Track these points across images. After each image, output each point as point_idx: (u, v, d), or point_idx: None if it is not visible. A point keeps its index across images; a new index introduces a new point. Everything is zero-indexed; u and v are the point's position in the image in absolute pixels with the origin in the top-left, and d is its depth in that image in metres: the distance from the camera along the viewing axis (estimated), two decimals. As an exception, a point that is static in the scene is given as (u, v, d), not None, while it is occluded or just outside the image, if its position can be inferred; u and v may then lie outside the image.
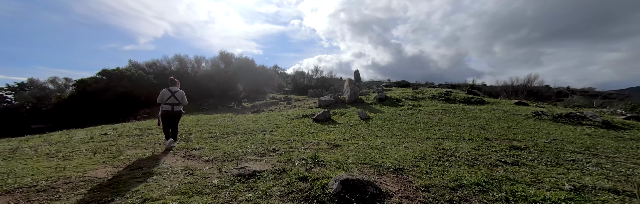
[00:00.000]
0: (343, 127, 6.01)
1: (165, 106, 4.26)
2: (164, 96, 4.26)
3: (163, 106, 4.26)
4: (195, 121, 8.02)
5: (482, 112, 7.07)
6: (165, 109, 4.24)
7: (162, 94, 4.27)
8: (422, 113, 7.34)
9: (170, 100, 4.27)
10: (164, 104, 4.26)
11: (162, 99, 4.28)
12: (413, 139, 4.46)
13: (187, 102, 4.56)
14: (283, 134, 5.30)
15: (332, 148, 3.93)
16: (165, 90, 4.31)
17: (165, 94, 4.27)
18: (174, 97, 4.29)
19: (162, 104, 4.31)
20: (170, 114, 4.28)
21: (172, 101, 4.28)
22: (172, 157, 3.81)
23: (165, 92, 4.28)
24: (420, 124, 5.97)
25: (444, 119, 6.40)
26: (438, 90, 12.15)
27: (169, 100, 4.27)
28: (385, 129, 5.57)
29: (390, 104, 9.18)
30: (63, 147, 4.64)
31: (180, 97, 4.36)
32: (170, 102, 4.27)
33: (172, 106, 4.29)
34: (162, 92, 4.28)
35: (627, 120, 6.06)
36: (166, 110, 4.25)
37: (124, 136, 5.80)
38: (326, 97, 9.56)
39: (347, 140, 4.52)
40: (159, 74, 21.86)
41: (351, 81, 18.27)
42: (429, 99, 9.99)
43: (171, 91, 4.31)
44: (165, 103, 4.26)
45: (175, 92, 4.34)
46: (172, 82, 4.50)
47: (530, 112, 6.51)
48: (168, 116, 4.28)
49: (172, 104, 4.28)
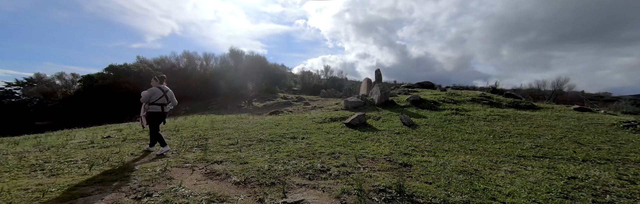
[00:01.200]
0: (388, 135, 5.04)
1: (155, 106, 3.78)
2: (154, 94, 3.75)
3: (151, 106, 3.75)
4: (209, 122, 7.19)
5: (548, 120, 5.98)
6: (154, 110, 3.77)
7: (152, 92, 3.73)
8: (475, 119, 6.30)
9: (161, 100, 3.80)
10: (152, 105, 3.76)
11: (151, 98, 3.72)
12: (501, 158, 3.46)
13: (177, 103, 4.06)
14: (320, 143, 4.37)
15: (402, 169, 2.97)
16: (157, 89, 3.79)
17: (156, 92, 3.77)
18: (165, 97, 3.85)
19: (147, 104, 3.75)
20: (159, 116, 3.83)
21: (162, 100, 3.82)
22: (189, 175, 2.93)
23: (156, 91, 3.77)
24: (483, 133, 4.95)
25: (510, 127, 5.36)
26: (474, 92, 11.04)
27: (159, 100, 3.79)
28: (445, 140, 4.57)
29: (427, 107, 8.15)
30: (55, 155, 3.83)
31: (170, 97, 3.96)
32: (160, 102, 3.80)
33: (162, 107, 3.83)
34: (152, 90, 3.74)
35: None
36: (156, 111, 3.78)
37: (130, 141, 4.97)
38: (353, 98, 8.61)
39: (410, 155, 3.55)
40: (167, 71, 21.33)
41: (370, 80, 17.25)
42: (469, 102, 8.91)
43: (163, 90, 3.85)
44: (155, 103, 3.77)
45: (167, 91, 3.91)
46: (162, 79, 3.95)
47: (617, 122, 5.40)
48: (160, 117, 3.84)
49: (162, 104, 3.83)
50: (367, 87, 17.20)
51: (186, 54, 23.19)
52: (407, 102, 8.72)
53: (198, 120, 7.93)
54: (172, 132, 5.88)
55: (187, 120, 8.30)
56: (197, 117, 9.74)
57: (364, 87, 17.73)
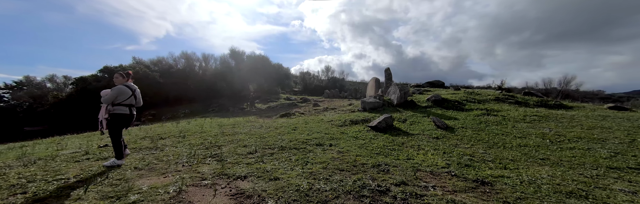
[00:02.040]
0: (427, 141, 4.48)
1: (122, 107, 3.26)
2: (121, 94, 3.23)
3: (116, 107, 3.23)
4: (216, 127, 6.58)
5: (595, 121, 5.48)
6: (121, 112, 3.25)
7: (119, 91, 3.22)
8: (513, 121, 5.78)
9: (129, 100, 3.30)
10: (119, 106, 3.24)
11: (118, 98, 3.20)
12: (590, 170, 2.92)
13: (142, 104, 3.56)
14: (355, 152, 3.80)
15: (483, 189, 2.40)
16: (124, 87, 3.28)
17: (124, 92, 3.26)
18: (134, 97, 3.37)
19: (111, 105, 3.20)
20: (125, 119, 3.29)
21: (131, 101, 3.34)
22: (212, 198, 2.34)
23: (124, 90, 3.25)
24: (535, 137, 4.42)
25: (560, 130, 4.83)
26: (492, 92, 10.56)
27: (128, 100, 3.29)
28: (498, 146, 4.03)
29: (452, 107, 7.62)
30: (42, 170, 3.20)
31: (138, 97, 3.48)
32: (129, 102, 3.31)
33: (130, 108, 3.34)
34: (119, 89, 3.22)
35: None
36: (124, 113, 3.26)
37: (131, 150, 4.35)
38: (371, 99, 8.06)
39: (475, 168, 2.99)
40: (165, 72, 20.65)
41: (378, 80, 16.70)
42: (494, 101, 8.41)
43: (131, 89, 3.34)
44: (122, 104, 3.26)
45: (135, 90, 3.41)
46: (128, 76, 3.39)
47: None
48: (127, 121, 3.33)
49: (130, 105, 3.34)
50: (375, 87, 16.66)
51: (184, 54, 22.53)
52: (429, 103, 8.19)
53: (204, 124, 7.31)
54: (178, 139, 5.26)
55: (191, 124, 7.68)
56: (201, 120, 9.12)
57: (372, 87, 17.18)
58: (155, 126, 8.31)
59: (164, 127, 7.74)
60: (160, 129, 6.90)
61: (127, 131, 7.45)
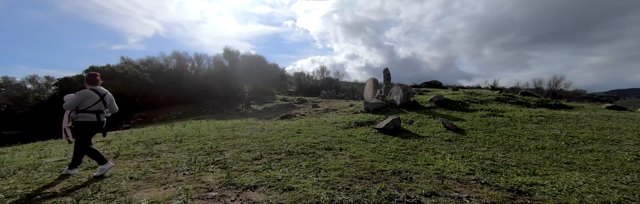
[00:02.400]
0: (441, 143, 4.33)
1: (88, 114, 2.96)
2: (87, 99, 2.95)
3: (81, 114, 2.94)
4: (214, 130, 6.25)
5: (601, 121, 5.48)
6: (87, 119, 2.94)
7: (83, 96, 2.92)
8: (520, 122, 5.72)
9: (96, 106, 3.01)
10: (84, 112, 2.95)
11: (83, 104, 2.91)
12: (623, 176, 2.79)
13: (117, 109, 3.32)
14: (369, 157, 3.60)
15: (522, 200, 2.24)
16: (90, 92, 3.00)
17: (90, 96, 2.97)
18: (103, 102, 3.09)
19: (74, 112, 2.90)
20: (92, 127, 3.01)
21: (99, 107, 3.05)
22: (225, 213, 2.08)
23: (89, 95, 2.97)
24: (548, 139, 4.34)
25: (570, 131, 4.79)
26: (491, 92, 10.62)
27: (94, 106, 2.99)
28: (514, 149, 3.92)
29: (456, 108, 7.56)
30: (23, 183, 2.85)
31: (110, 102, 3.21)
32: (96, 108, 3.02)
33: (97, 115, 3.04)
34: (83, 94, 2.94)
35: None
36: (89, 121, 2.96)
37: (124, 157, 4.01)
38: (374, 100, 7.90)
39: (501, 174, 2.84)
40: (156, 73, 19.96)
41: (376, 80, 16.63)
42: (496, 102, 8.41)
43: (99, 93, 3.07)
44: (88, 110, 2.96)
45: (104, 95, 3.14)
46: (94, 80, 3.10)
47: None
48: (94, 129, 3.03)
49: (97, 111, 3.05)
50: (374, 87, 16.57)
51: (176, 54, 21.86)
52: (432, 103, 8.11)
53: (201, 127, 6.96)
54: (174, 143, 4.93)
55: (187, 127, 7.31)
56: (196, 123, 8.73)
57: (370, 88, 17.09)
58: (148, 130, 7.87)
59: (157, 130, 7.33)
60: (154, 133, 6.51)
61: (118, 135, 7.01)
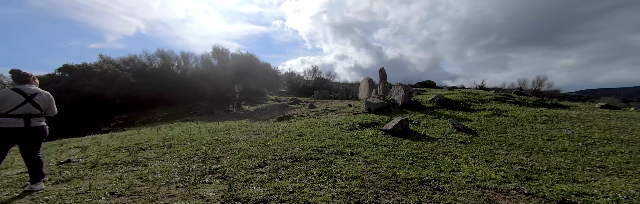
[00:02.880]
0: (456, 146, 4.10)
1: (9, 119, 2.37)
2: (4, 101, 2.36)
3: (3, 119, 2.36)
4: (207, 133, 5.74)
5: (604, 120, 5.49)
6: (8, 126, 2.35)
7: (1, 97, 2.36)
8: (527, 121, 5.64)
9: (21, 109, 2.41)
10: (5, 117, 2.37)
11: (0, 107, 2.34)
12: None
13: (56, 112, 2.77)
14: (386, 162, 3.29)
15: None
16: (11, 91, 2.42)
17: (9, 98, 2.38)
18: (31, 104, 2.47)
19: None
20: (21, 134, 2.43)
21: (25, 110, 2.44)
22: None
23: (9, 96, 2.39)
24: (563, 140, 4.22)
25: (581, 131, 4.71)
26: (489, 92, 10.69)
27: (18, 109, 2.40)
28: (535, 151, 3.74)
29: (458, 108, 7.44)
30: (-28, 204, 2.30)
31: (44, 104, 2.59)
32: (21, 112, 2.41)
33: (24, 120, 2.43)
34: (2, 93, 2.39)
35: None
36: (12, 127, 2.37)
37: (103, 167, 3.48)
38: (375, 100, 7.64)
39: (538, 181, 2.61)
40: (139, 72, 18.84)
41: (371, 80, 16.48)
42: (495, 101, 8.40)
43: (25, 93, 2.46)
44: (10, 114, 2.38)
45: (34, 95, 2.52)
46: (23, 78, 2.54)
47: None
48: (16, 137, 2.43)
49: (24, 115, 2.43)
50: (369, 87, 16.40)
51: (160, 52, 20.77)
52: (433, 103, 7.96)
53: (191, 130, 6.41)
54: (163, 149, 4.41)
55: (175, 131, 6.72)
56: (186, 125, 8.12)
57: (366, 88, 16.92)
58: (131, 133, 7.21)
59: (142, 134, 6.70)
60: (138, 137, 5.91)
61: (96, 139, 6.33)
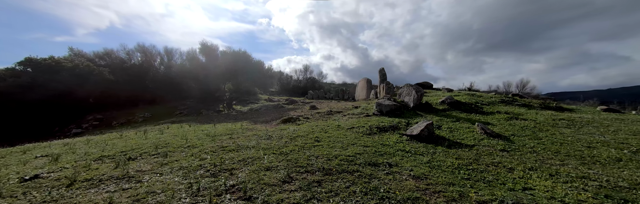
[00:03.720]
0: (499, 154, 3.76)
1: None
2: None
3: None
4: (205, 137, 5.01)
5: (622, 124, 5.45)
6: None
7: None
8: (548, 125, 5.48)
9: None
10: None
11: None
12: None
13: None
14: (436, 177, 2.84)
15: None
16: None
17: None
18: None
19: None
20: None
21: None
22: None
23: None
24: (604, 146, 4.01)
25: (613, 137, 4.56)
26: (492, 95, 10.71)
27: None
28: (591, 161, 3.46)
29: (471, 110, 7.24)
30: None
31: None
32: None
33: None
34: None
35: None
36: None
37: (84, 185, 2.73)
38: (387, 101, 7.25)
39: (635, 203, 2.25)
40: (116, 68, 17.24)
41: (369, 81, 16.19)
42: (502, 104, 8.33)
43: None
44: None
45: None
46: None
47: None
48: None
49: None
50: (367, 88, 16.10)
51: (141, 47, 19.20)
52: (444, 105, 7.71)
53: (185, 134, 5.63)
54: (158, 158, 3.67)
55: (166, 134, 5.90)
56: (177, 128, 7.27)
57: (363, 88, 16.60)
58: (112, 138, 6.26)
59: (126, 139, 5.81)
60: (122, 143, 5.06)
61: (69, 146, 5.38)
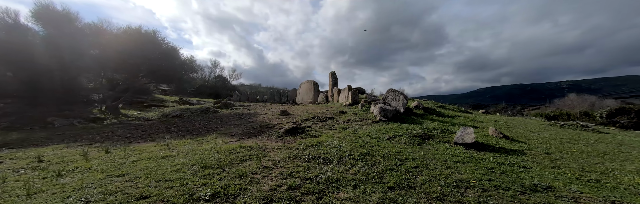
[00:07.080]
0: (551, 158, 4.36)
1: None
2: None
3: None
4: (198, 178, 2.75)
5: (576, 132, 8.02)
6: None
7: None
8: (525, 125, 7.18)
9: None
10: None
11: None
12: None
13: None
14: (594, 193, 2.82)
15: None
16: None
17: None
18: None
19: None
20: None
21: None
22: None
23: None
24: (601, 144, 5.45)
25: (597, 147, 6.50)
26: (424, 101, 13.08)
27: None
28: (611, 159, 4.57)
29: (440, 115, 8.31)
30: None
31: None
32: None
33: None
34: None
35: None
36: None
37: None
38: (389, 107, 7.02)
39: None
40: None
41: (316, 84, 15.69)
42: (448, 109, 10.30)
43: None
44: None
45: None
46: None
47: (547, 122, 8.22)
48: None
49: None
50: (314, 91, 15.43)
51: None
52: (420, 110, 8.53)
53: (149, 170, 2.91)
54: None
55: (118, 182, 2.79)
56: (121, 156, 3.75)
57: (309, 91, 15.76)
58: None
59: None
60: None
61: None
